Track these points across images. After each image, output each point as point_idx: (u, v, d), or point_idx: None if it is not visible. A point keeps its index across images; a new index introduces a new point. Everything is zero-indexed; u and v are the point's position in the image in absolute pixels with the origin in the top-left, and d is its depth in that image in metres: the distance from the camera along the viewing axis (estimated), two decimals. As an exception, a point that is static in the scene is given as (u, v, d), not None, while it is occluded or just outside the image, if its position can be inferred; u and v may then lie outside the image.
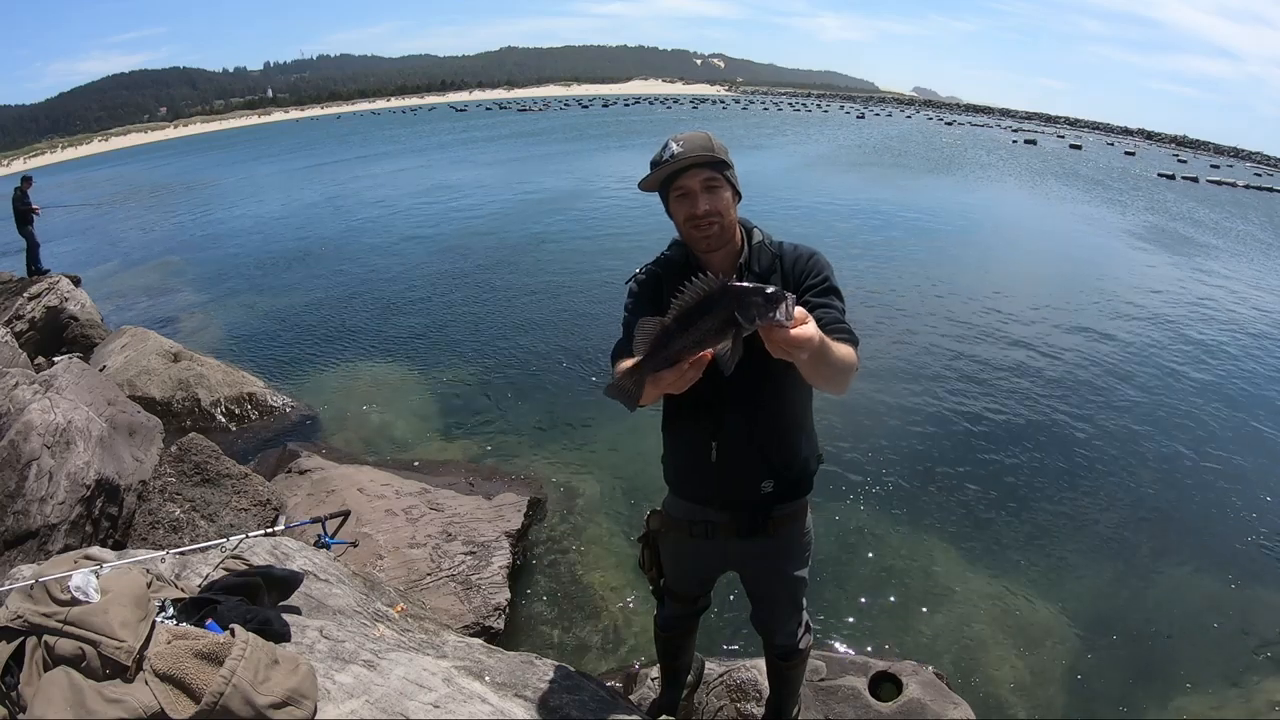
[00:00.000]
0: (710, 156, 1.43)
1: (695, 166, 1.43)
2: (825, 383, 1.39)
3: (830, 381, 1.37)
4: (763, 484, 1.62)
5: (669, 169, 1.43)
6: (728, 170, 1.47)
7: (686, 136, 1.45)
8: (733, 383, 1.51)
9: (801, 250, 1.54)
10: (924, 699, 2.37)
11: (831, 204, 14.41)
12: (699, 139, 1.45)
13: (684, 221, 1.48)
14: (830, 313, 1.43)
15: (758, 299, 1.07)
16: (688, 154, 1.42)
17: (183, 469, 3.77)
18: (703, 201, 1.44)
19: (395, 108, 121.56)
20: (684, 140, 1.44)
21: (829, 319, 1.41)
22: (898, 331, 6.98)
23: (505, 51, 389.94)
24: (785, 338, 1.10)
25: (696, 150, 1.42)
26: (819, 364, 1.25)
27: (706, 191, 1.44)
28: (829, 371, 1.31)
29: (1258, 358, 6.89)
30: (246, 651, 1.46)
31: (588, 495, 4.18)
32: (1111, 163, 32.87)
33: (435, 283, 9.09)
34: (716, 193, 1.45)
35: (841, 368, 1.33)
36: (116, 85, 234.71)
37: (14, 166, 61.52)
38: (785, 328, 1.09)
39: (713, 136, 1.47)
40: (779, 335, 1.10)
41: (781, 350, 1.13)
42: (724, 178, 1.46)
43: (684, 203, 1.46)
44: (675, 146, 1.43)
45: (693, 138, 1.45)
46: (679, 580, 1.91)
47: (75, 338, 7.38)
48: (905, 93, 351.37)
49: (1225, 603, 3.49)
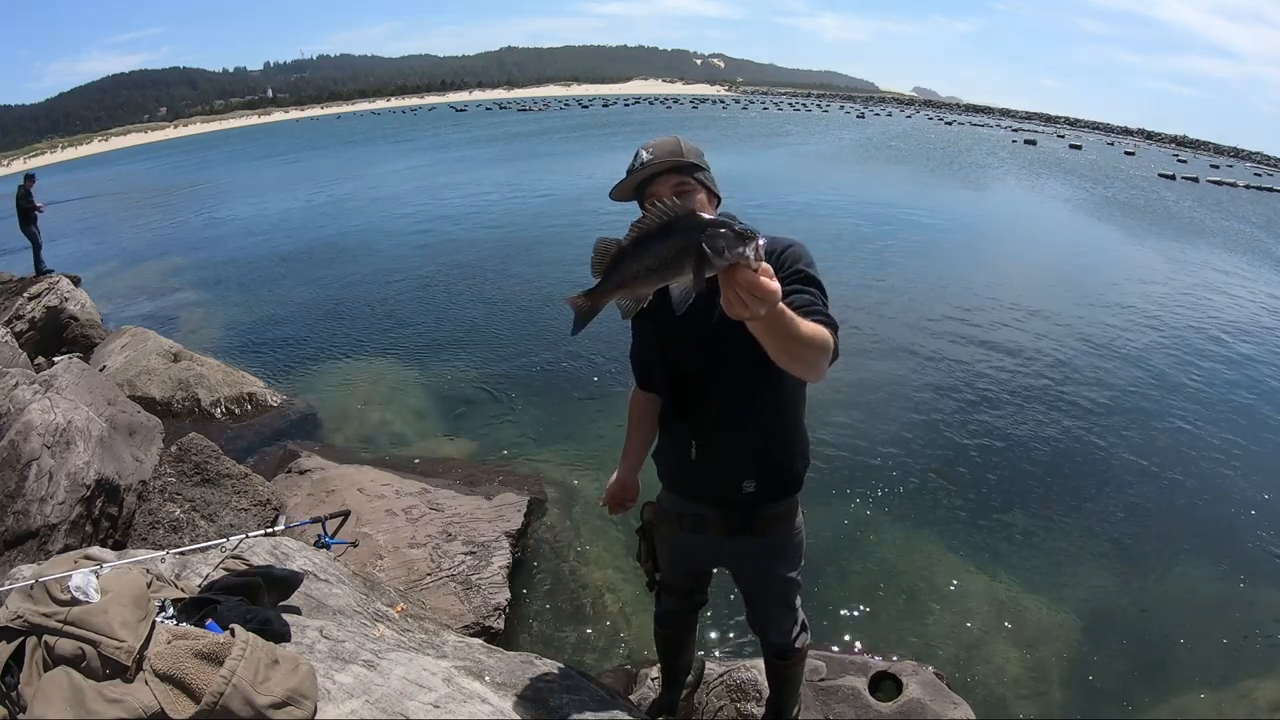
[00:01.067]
0: (679, 161, 1.43)
1: (665, 172, 1.43)
2: (791, 360, 1.23)
3: (798, 360, 1.24)
4: (744, 483, 1.61)
5: (638, 177, 1.44)
6: (700, 173, 1.46)
7: (656, 143, 1.46)
8: (714, 379, 1.52)
9: (779, 241, 1.47)
10: (924, 699, 2.37)
11: (830, 201, 14.40)
12: (668, 144, 1.45)
13: None
14: (805, 297, 1.36)
15: (727, 232, 0.97)
16: (657, 159, 1.42)
17: (183, 469, 3.77)
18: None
19: (395, 108, 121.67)
20: (653, 147, 1.45)
21: (804, 302, 1.33)
22: (897, 331, 6.98)
23: (505, 51, 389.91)
24: (750, 280, 0.99)
25: (665, 156, 1.43)
26: (780, 334, 1.14)
27: (678, 197, 1.42)
28: (794, 347, 1.19)
29: (1258, 357, 6.89)
30: (246, 651, 1.46)
31: (588, 495, 4.18)
32: (1111, 163, 32.87)
33: (435, 282, 9.08)
34: (688, 197, 1.43)
35: (808, 344, 1.20)
36: (116, 85, 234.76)
37: (14, 166, 61.57)
38: (752, 269, 0.99)
39: (683, 140, 1.47)
40: (744, 277, 0.99)
41: (740, 302, 1.01)
42: (696, 180, 1.45)
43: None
44: (645, 154, 1.44)
45: (662, 144, 1.46)
46: (672, 572, 1.92)
47: (75, 338, 7.38)
48: (905, 93, 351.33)
49: (1226, 602, 3.49)
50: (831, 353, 1.29)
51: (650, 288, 1.07)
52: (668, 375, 1.62)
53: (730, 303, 1.02)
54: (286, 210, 16.25)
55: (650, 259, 1.04)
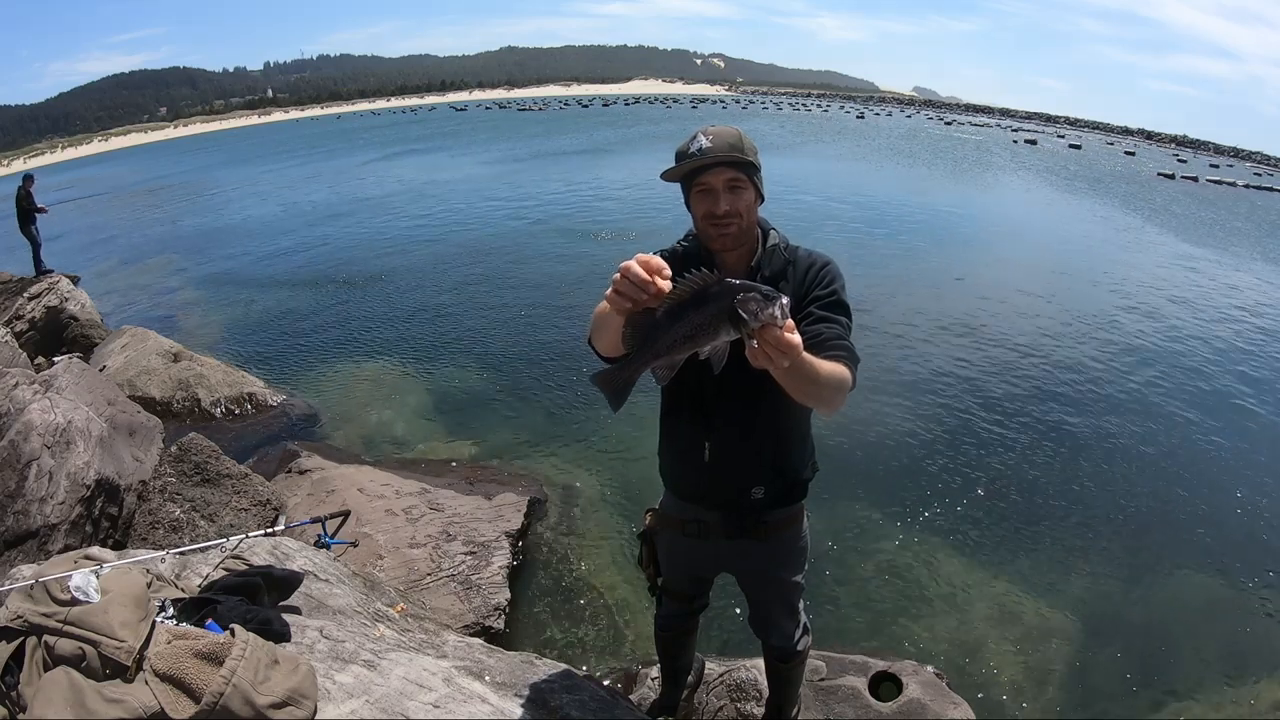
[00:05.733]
0: (738, 156, 1.37)
1: (721, 165, 1.38)
2: (808, 399, 1.31)
3: (813, 399, 1.31)
4: (754, 489, 1.60)
5: (694, 164, 1.38)
6: (755, 172, 1.42)
7: (716, 131, 1.39)
8: (731, 383, 1.47)
9: (815, 258, 1.49)
10: (924, 699, 2.37)
11: (830, 200, 14.42)
12: (729, 135, 1.39)
13: (703, 218, 1.44)
14: (834, 328, 1.39)
15: (756, 295, 1.05)
16: (716, 150, 1.36)
17: (183, 469, 3.77)
18: (724, 201, 1.40)
19: (395, 108, 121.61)
20: (713, 135, 1.38)
21: (830, 335, 1.37)
22: (897, 331, 6.97)
23: (505, 51, 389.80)
24: (777, 338, 1.06)
25: (724, 148, 1.37)
26: (800, 378, 1.19)
27: (729, 191, 1.40)
28: (811, 388, 1.25)
29: (1259, 358, 6.89)
30: (246, 651, 1.46)
31: (588, 495, 4.19)
32: (1111, 162, 32.87)
33: (436, 282, 9.08)
34: (739, 193, 1.41)
35: (825, 384, 1.26)
36: (116, 85, 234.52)
37: (14, 166, 61.56)
38: (779, 328, 1.06)
39: (743, 135, 1.41)
40: (771, 335, 1.06)
41: (765, 356, 1.07)
42: (749, 179, 1.41)
43: (705, 199, 1.42)
44: (704, 140, 1.37)
45: (723, 133, 1.39)
46: (673, 577, 1.91)
47: (75, 338, 7.38)
48: (905, 93, 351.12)
49: (1226, 602, 3.49)
50: (848, 389, 1.33)
51: (686, 353, 1.13)
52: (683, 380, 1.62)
53: (756, 356, 1.07)
54: (287, 209, 16.24)
55: (687, 326, 1.09)
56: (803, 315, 1.42)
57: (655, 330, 1.12)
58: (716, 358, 1.12)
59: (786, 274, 1.48)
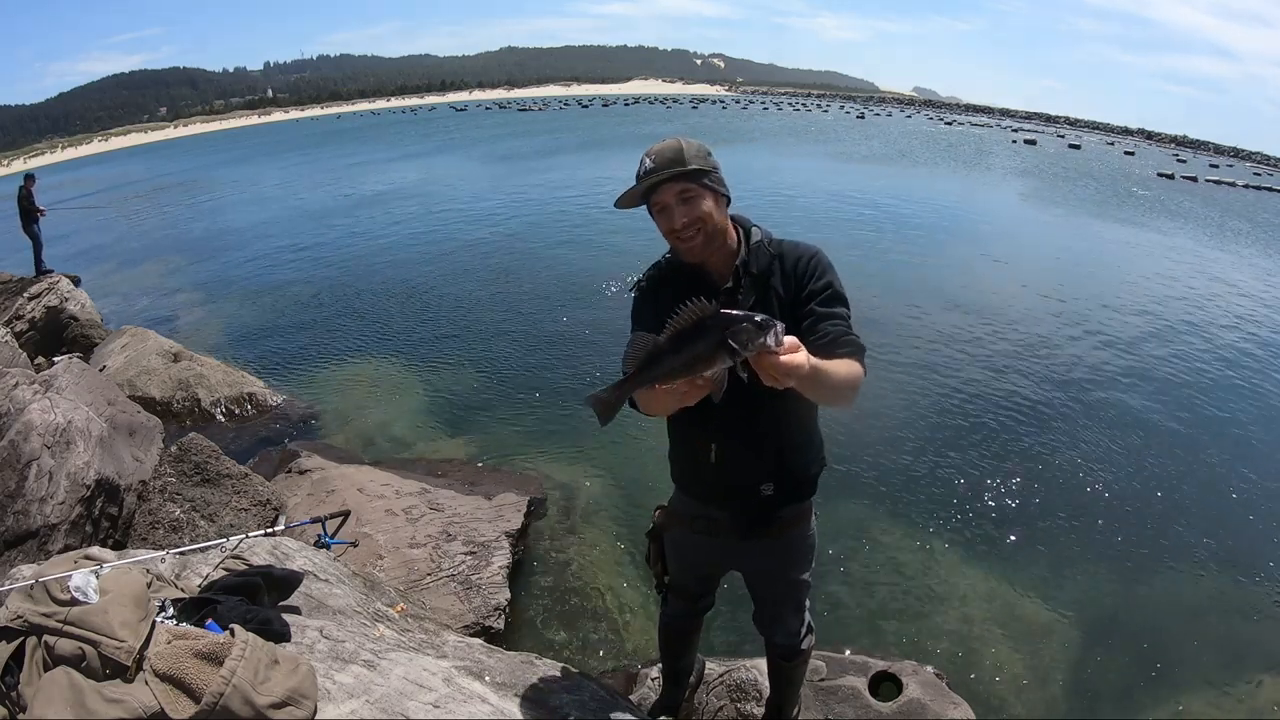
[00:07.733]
0: (679, 170, 1.39)
1: (665, 182, 1.40)
2: (824, 401, 1.40)
3: (829, 400, 1.37)
4: (762, 486, 1.61)
5: (642, 187, 1.42)
6: (705, 177, 1.43)
7: (658, 149, 1.43)
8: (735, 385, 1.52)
9: (802, 249, 1.50)
10: (924, 699, 2.37)
11: (829, 199, 14.41)
12: (669, 151, 1.41)
13: (667, 234, 1.48)
14: (838, 324, 1.41)
15: (748, 325, 1.10)
16: (659, 169, 1.40)
17: (183, 469, 3.77)
18: (679, 215, 1.42)
19: (395, 107, 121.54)
20: (655, 154, 1.42)
21: (837, 332, 1.40)
22: (898, 331, 6.97)
23: (505, 52, 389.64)
24: (775, 363, 1.11)
25: (665, 164, 1.40)
26: (815, 388, 1.26)
27: (683, 204, 1.42)
28: (827, 392, 1.31)
29: (1260, 356, 6.89)
30: (246, 651, 1.46)
31: (588, 495, 4.18)
32: (1111, 162, 32.84)
33: (436, 282, 9.08)
34: (693, 203, 1.42)
35: (840, 386, 1.32)
36: (116, 85, 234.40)
37: (14, 166, 61.56)
38: (776, 353, 1.11)
39: (685, 144, 1.43)
40: (769, 361, 1.11)
41: (772, 378, 1.14)
42: (701, 185, 1.42)
43: (663, 217, 1.46)
44: (648, 162, 1.42)
45: (663, 150, 1.42)
46: (681, 575, 1.91)
47: (75, 338, 7.39)
48: (905, 92, 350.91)
49: (1226, 602, 3.49)
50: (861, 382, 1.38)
51: (681, 379, 1.19)
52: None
53: (763, 379, 1.15)
54: (287, 209, 16.24)
55: (686, 356, 1.17)
56: (804, 314, 1.44)
57: (657, 356, 1.19)
58: (716, 386, 1.19)
59: (774, 268, 1.49)
